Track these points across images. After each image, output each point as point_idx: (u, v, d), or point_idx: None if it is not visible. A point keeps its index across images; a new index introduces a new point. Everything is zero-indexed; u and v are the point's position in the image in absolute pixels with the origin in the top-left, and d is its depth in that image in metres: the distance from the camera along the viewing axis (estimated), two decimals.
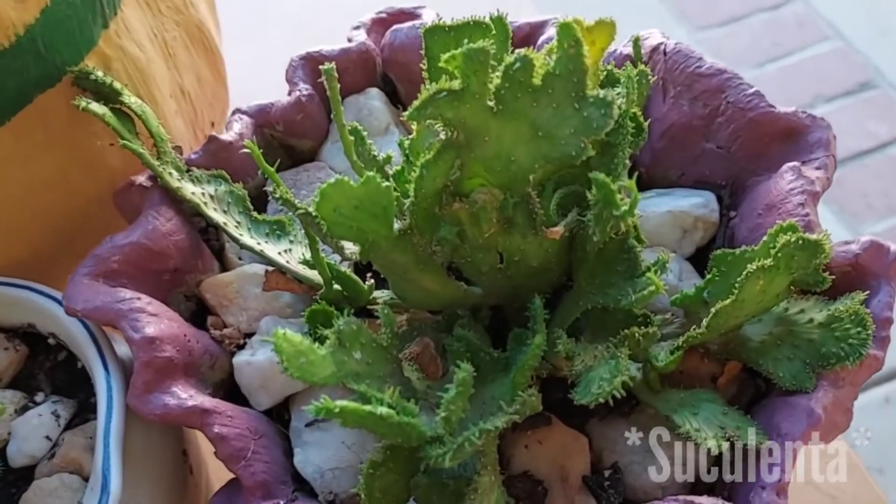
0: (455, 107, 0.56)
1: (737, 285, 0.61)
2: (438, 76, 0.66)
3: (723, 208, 0.78)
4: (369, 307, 0.73)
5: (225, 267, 0.78)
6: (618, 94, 0.54)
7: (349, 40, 0.86)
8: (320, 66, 0.61)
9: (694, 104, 0.77)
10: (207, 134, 0.85)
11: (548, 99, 0.55)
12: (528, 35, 0.85)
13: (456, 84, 0.56)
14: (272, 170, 0.63)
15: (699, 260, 0.78)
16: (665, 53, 0.78)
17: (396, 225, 0.61)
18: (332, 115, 0.86)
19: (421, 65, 0.70)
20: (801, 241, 0.59)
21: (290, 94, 0.83)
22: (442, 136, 0.60)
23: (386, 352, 0.58)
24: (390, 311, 0.59)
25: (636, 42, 0.80)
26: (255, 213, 0.76)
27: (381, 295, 0.73)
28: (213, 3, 0.93)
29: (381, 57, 0.86)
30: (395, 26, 0.85)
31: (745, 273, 0.61)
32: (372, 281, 0.72)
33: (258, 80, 0.95)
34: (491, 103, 0.56)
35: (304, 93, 0.82)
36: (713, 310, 0.62)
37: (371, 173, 0.56)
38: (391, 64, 0.85)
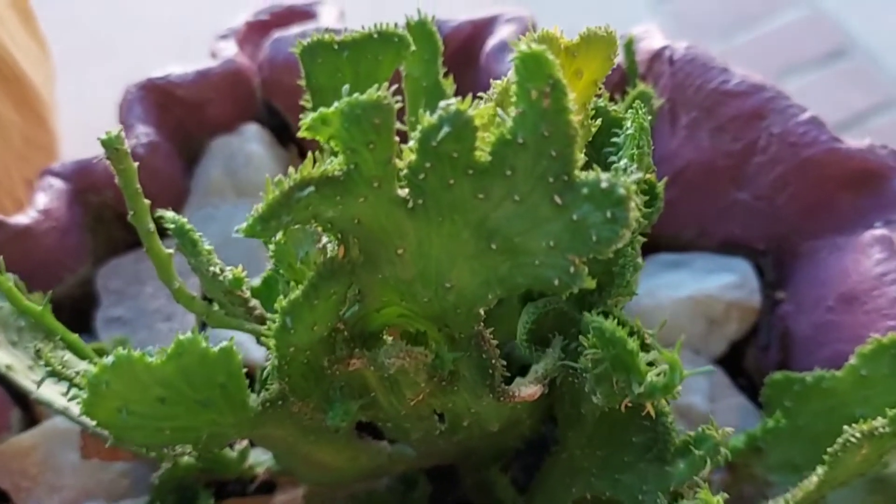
0: (338, 203, 0.31)
1: (828, 458, 0.37)
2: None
3: (765, 284, 0.54)
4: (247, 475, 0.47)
5: (32, 418, 0.52)
6: (630, 173, 0.29)
7: (213, 55, 0.60)
8: (100, 140, 0.34)
9: (719, 136, 0.52)
10: (22, 199, 0.58)
11: (504, 186, 0.30)
12: (470, 39, 0.59)
13: (336, 166, 0.30)
14: (37, 308, 0.37)
15: (733, 360, 0.54)
16: (672, 62, 0.53)
17: (258, 397, 0.35)
18: (194, 168, 0.60)
19: (306, 98, 0.44)
20: None
21: None
22: (324, 241, 0.34)
23: None
24: None
25: (629, 46, 0.54)
26: (66, 338, 0.49)
27: (263, 461, 0.47)
28: (27, 13, 0.66)
29: (261, 78, 0.60)
30: (276, 35, 0.58)
31: (843, 442, 0.37)
32: (245, 443, 0.46)
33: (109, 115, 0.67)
34: (403, 193, 0.31)
35: (144, 141, 0.55)
36: (790, 500, 0.38)
37: (185, 336, 0.30)
38: (275, 88, 0.59)
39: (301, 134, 0.29)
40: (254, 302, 0.40)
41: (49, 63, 0.68)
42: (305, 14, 0.62)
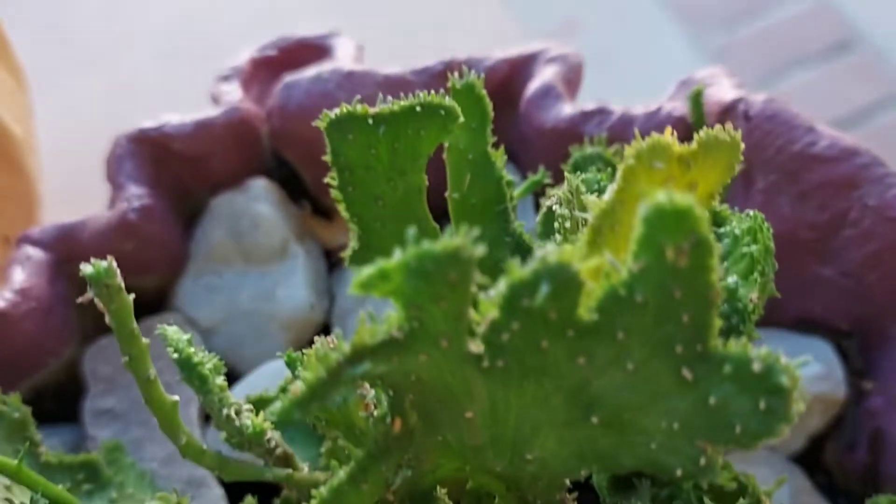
0: (394, 359, 0.24)
1: None
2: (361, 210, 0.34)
3: (849, 371, 0.47)
4: None
5: None
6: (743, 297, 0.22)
7: (214, 100, 0.52)
8: (86, 275, 0.27)
9: (802, 205, 0.45)
10: None
11: (613, 350, 0.23)
12: (507, 81, 0.52)
13: (394, 323, 0.23)
14: (12, 463, 0.30)
15: (811, 454, 0.48)
16: (748, 118, 0.46)
17: None
18: (192, 229, 0.53)
19: (332, 176, 0.37)
20: None
21: (112, 205, 0.49)
22: (370, 394, 0.27)
23: None
24: None
25: (696, 98, 0.47)
26: (45, 452, 0.42)
27: None
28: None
29: (270, 126, 0.52)
30: (288, 78, 0.51)
31: None
32: None
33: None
34: (477, 348, 0.24)
35: (136, 205, 0.48)
36: None
37: None
38: (286, 139, 0.52)
39: (352, 292, 0.22)
40: (274, 440, 0.32)
41: (26, 96, 0.60)
42: (318, 49, 0.54)
